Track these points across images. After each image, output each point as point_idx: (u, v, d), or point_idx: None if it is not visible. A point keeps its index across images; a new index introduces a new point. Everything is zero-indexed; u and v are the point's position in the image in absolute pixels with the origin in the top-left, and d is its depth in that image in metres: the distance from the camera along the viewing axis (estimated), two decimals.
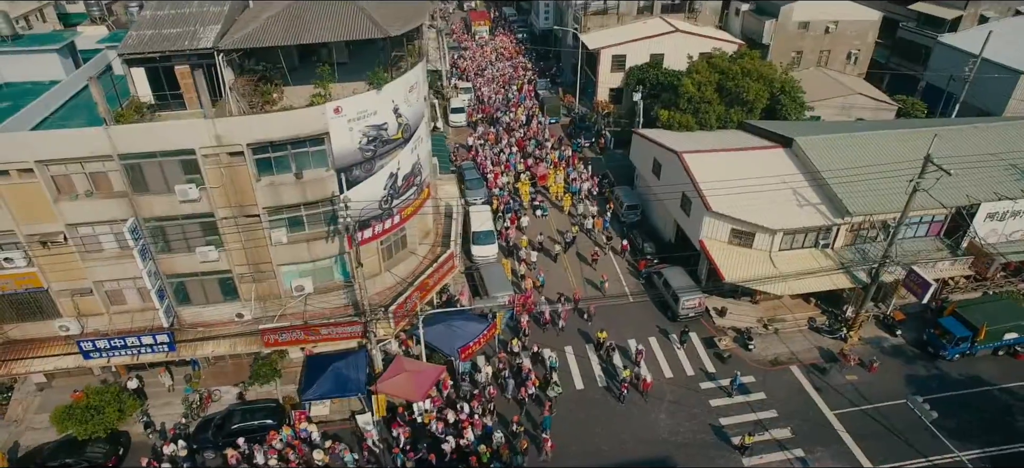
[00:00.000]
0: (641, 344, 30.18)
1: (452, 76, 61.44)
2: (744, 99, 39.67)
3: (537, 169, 43.50)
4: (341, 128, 24.60)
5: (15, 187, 23.12)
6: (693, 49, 49.84)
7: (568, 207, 40.92)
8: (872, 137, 34.94)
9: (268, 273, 26.85)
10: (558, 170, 43.37)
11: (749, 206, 31.22)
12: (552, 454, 25.30)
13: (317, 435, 25.73)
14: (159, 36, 24.69)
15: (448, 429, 25.92)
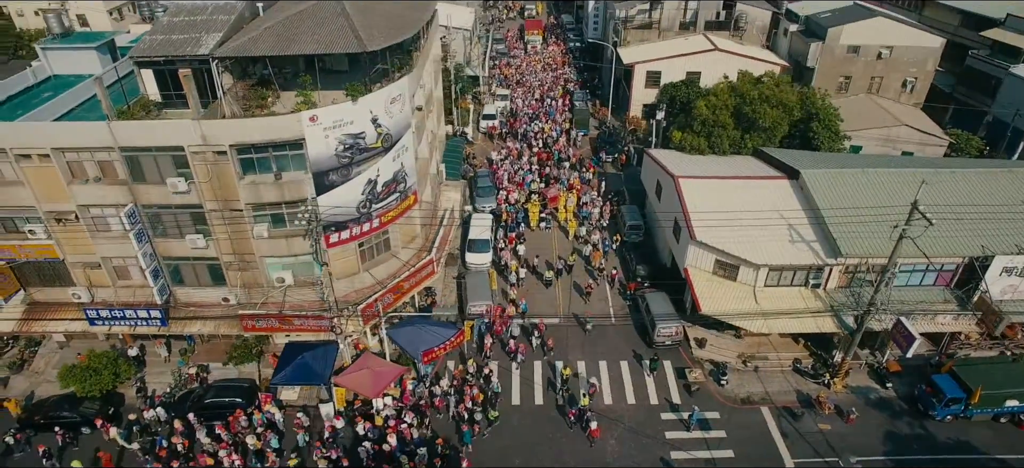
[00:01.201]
0: (594, 378, 29.90)
1: (492, 82, 62.73)
2: (761, 125, 38.40)
3: (548, 190, 43.32)
4: (317, 135, 26.25)
5: (36, 169, 26.33)
6: (732, 69, 48.56)
7: (573, 232, 40.38)
8: (888, 175, 33.01)
9: (252, 263, 29.04)
10: (571, 193, 42.93)
11: (736, 238, 30.42)
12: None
13: (279, 417, 27.63)
14: (167, 41, 27.33)
15: (376, 430, 27.09)
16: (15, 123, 26.13)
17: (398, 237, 32.24)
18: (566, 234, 40.61)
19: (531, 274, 37.41)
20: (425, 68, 35.62)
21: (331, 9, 29.55)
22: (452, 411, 28.48)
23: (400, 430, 26.73)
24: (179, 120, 25.73)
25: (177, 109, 27.73)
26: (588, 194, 43.13)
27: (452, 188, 39.90)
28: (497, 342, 32.26)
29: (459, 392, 28.96)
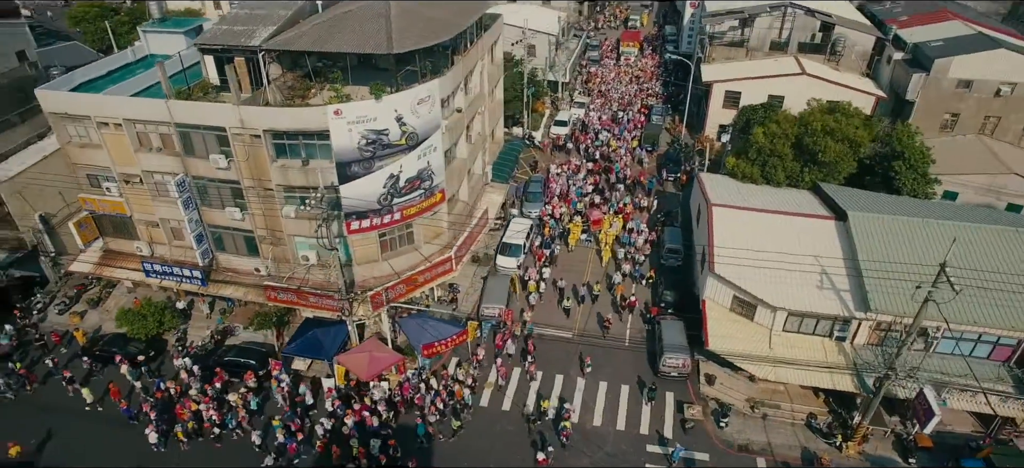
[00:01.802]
0: (569, 404, 29.31)
1: (574, 89, 62.59)
2: (821, 159, 35.71)
3: (592, 213, 41.68)
4: (341, 128, 28.06)
5: (112, 136, 30.35)
6: (819, 95, 45.40)
7: (606, 260, 38.55)
8: (954, 228, 29.61)
9: (282, 240, 31.59)
10: (617, 217, 41.34)
11: (759, 275, 28.76)
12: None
13: (285, 382, 29.91)
14: (228, 32, 30.38)
15: (343, 407, 28.84)
16: (96, 95, 30.22)
17: (422, 232, 33.56)
18: (600, 260, 39.06)
19: (553, 295, 36.46)
20: (475, 71, 36.61)
21: (376, 10, 31.30)
22: (425, 408, 29.18)
23: (363, 415, 28.16)
24: (221, 103, 28.53)
25: (226, 91, 30.70)
26: (636, 221, 41.34)
27: (496, 191, 40.63)
28: (492, 351, 32.58)
29: (434, 391, 29.74)
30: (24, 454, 26.94)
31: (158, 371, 31.40)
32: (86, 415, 29.12)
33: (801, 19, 51.48)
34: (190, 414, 28.15)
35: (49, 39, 55.60)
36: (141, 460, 27.03)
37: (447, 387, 30.23)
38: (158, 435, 27.08)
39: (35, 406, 29.83)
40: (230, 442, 28.04)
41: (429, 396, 29.33)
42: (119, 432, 28.16)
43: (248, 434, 27.83)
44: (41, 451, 27.75)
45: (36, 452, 27.56)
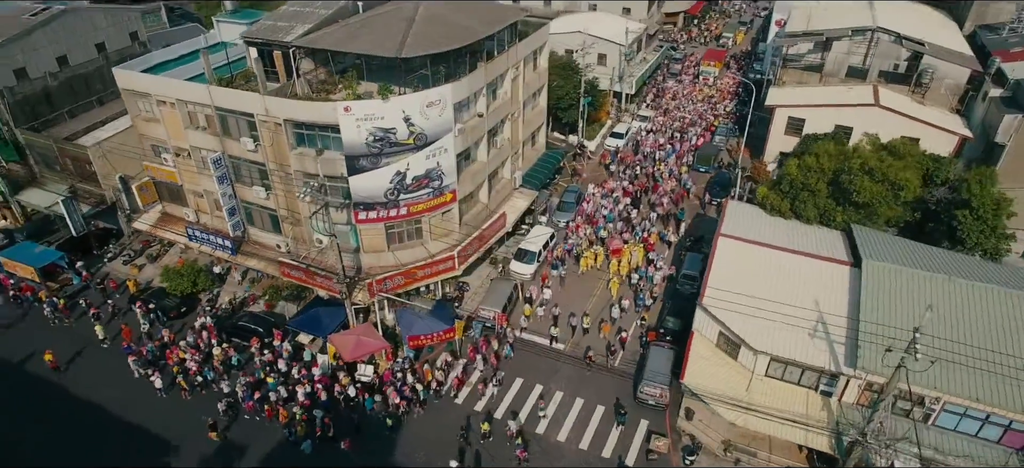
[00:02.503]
0: (543, 413, 29.61)
1: (642, 102, 61.38)
2: (855, 200, 33.09)
3: (613, 242, 39.89)
4: (350, 124, 30.01)
5: (168, 112, 34.30)
6: (893, 130, 42.00)
7: (616, 293, 36.76)
8: (988, 292, 26.64)
9: (300, 221, 34.19)
10: (636, 247, 39.22)
11: (747, 314, 27.46)
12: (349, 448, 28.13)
13: (285, 350, 32.44)
14: (270, 27, 33.32)
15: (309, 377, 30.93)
16: (155, 76, 34.28)
17: (431, 228, 34.93)
18: (610, 290, 37.39)
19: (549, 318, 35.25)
20: (506, 78, 37.34)
21: (404, 14, 33.08)
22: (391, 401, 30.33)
23: (317, 387, 30.32)
24: (250, 92, 31.40)
25: (271, 82, 33.65)
26: (657, 256, 39.25)
27: (523, 197, 41.14)
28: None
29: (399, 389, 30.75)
30: (54, 362, 32.05)
31: (170, 321, 35.26)
32: (113, 352, 33.26)
33: (884, 46, 47.41)
34: (176, 361, 31.53)
35: (182, 20, 63.16)
36: (145, 398, 30.69)
37: (418, 379, 31.27)
38: (163, 380, 30.51)
39: (75, 335, 34.58)
40: (210, 393, 31.04)
41: (397, 383, 30.72)
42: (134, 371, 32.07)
43: (218, 382, 31.07)
44: (66, 369, 32.48)
45: (63, 368, 32.34)
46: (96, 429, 29.46)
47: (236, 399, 30.19)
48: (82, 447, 28.62)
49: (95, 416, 30.03)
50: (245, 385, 30.12)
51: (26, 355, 33.15)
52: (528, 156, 44.25)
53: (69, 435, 29.30)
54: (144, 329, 34.27)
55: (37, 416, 30.08)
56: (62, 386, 31.65)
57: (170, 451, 28.54)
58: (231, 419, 29.82)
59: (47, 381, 31.90)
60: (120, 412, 30.16)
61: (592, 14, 62.28)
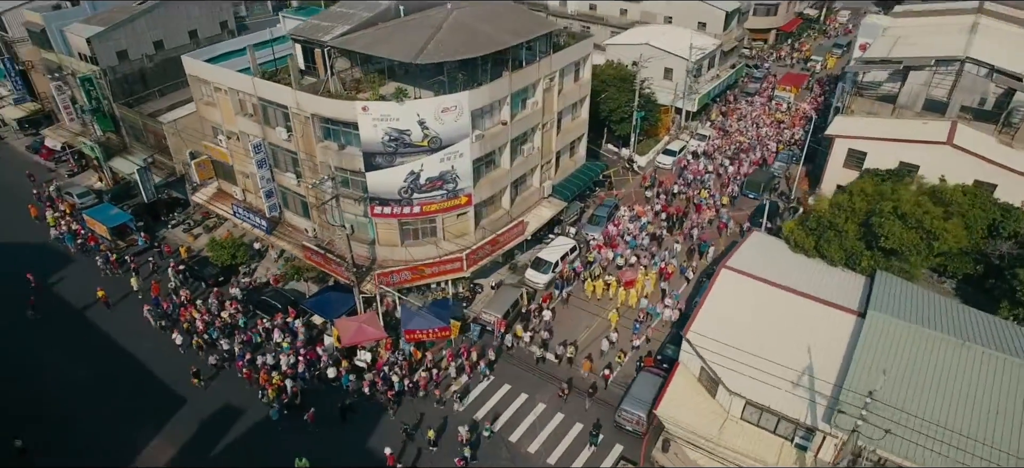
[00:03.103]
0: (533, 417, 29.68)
1: (707, 120, 59.32)
2: (883, 245, 30.73)
3: (624, 273, 38.42)
4: (367, 123, 31.75)
5: (223, 99, 37.72)
6: (966, 173, 38.55)
7: (614, 325, 35.03)
8: (999, 363, 24.20)
9: (325, 208, 36.47)
10: (650, 275, 38.15)
11: (730, 353, 26.50)
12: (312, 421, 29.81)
13: (299, 326, 34.81)
14: (313, 26, 35.85)
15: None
16: (211, 65, 37.72)
17: (444, 228, 36.10)
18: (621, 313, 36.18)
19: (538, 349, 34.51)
20: (537, 88, 37.70)
21: (433, 21, 34.45)
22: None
23: (299, 366, 32.30)
24: (283, 85, 33.86)
25: (311, 77, 36.11)
26: (675, 292, 37.67)
27: (549, 207, 41.33)
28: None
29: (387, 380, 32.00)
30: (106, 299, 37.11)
31: (208, 288, 38.85)
32: (145, 302, 37.37)
33: (970, 79, 43.20)
34: (188, 318, 34.98)
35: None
36: (157, 344, 34.58)
37: (402, 373, 32.33)
38: (182, 337, 34.10)
39: (119, 283, 39.13)
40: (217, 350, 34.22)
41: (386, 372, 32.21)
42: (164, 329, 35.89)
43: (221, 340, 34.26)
44: (111, 306, 37.20)
45: (110, 305, 37.17)
46: (110, 354, 34.19)
47: (231, 356, 33.14)
48: (95, 363, 33.59)
49: (113, 347, 34.60)
50: (241, 343, 33.07)
51: (82, 291, 38.29)
52: (565, 166, 44.40)
53: (87, 355, 34.14)
54: (171, 287, 38.29)
55: (79, 338, 35.31)
56: (96, 321, 36.43)
57: (158, 386, 32.28)
58: (217, 372, 32.93)
59: (94, 315, 36.94)
60: (135, 349, 34.41)
61: (664, 27, 61.05)
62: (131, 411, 30.81)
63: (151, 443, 29.43)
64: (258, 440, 29.70)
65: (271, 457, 28.71)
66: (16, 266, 39.70)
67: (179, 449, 29.21)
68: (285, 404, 30.64)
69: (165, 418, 30.59)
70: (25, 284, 38.19)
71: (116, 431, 29.82)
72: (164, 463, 28.62)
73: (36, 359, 33.87)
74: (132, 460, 28.63)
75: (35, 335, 35.47)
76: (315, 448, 28.65)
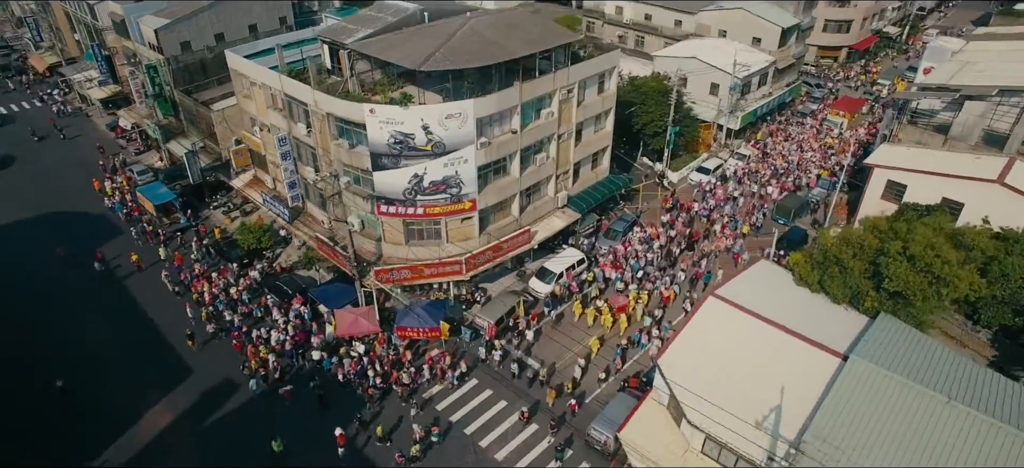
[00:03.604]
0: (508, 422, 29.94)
1: (745, 140, 57.14)
2: (887, 287, 28.90)
3: (616, 299, 37.07)
4: (374, 125, 33.08)
5: (257, 92, 40.23)
6: (1017, 217, 35.75)
7: (595, 351, 34.57)
8: (985, 427, 22.50)
9: (338, 203, 38.21)
10: (642, 299, 37.29)
11: (699, 384, 25.92)
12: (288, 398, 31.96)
13: (305, 313, 36.69)
14: (338, 29, 37.67)
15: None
16: (246, 60, 40.21)
17: (449, 231, 36.96)
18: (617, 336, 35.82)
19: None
20: (553, 98, 37.83)
21: (448, 28, 35.37)
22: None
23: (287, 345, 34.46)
24: (303, 84, 35.70)
25: (336, 77, 37.87)
26: (668, 324, 36.63)
27: (562, 217, 41.33)
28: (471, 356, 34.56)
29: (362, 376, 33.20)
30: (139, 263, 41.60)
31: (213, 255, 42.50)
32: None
33: None
34: (198, 291, 37.94)
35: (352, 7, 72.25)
36: (171, 305, 37.96)
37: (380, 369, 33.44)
38: (191, 306, 37.37)
39: (152, 252, 42.83)
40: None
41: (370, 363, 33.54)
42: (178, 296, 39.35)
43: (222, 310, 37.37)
44: (142, 270, 41.14)
45: (140, 269, 41.40)
46: (131, 310, 38.32)
47: (230, 328, 35.97)
48: (117, 316, 37.86)
49: (133, 304, 38.75)
50: (242, 316, 36.04)
51: (122, 254, 42.63)
52: (586, 178, 44.26)
53: (113, 310, 38.33)
54: (193, 258, 41.68)
55: (111, 294, 39.68)
56: (127, 282, 40.78)
57: (159, 340, 35.92)
58: (211, 338, 35.81)
59: (127, 275, 41.41)
60: (151, 310, 38.18)
61: (716, 41, 59.34)
62: (134, 363, 34.57)
63: (143, 396, 32.34)
64: (235, 409, 31.96)
65: (246, 428, 30.75)
66: (74, 231, 44.17)
67: (159, 404, 32.05)
68: (264, 377, 32.71)
69: (159, 377, 33.56)
70: (77, 245, 42.85)
71: (119, 382, 33.36)
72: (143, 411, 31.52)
73: (72, 310, 38.22)
74: (109, 399, 32.15)
75: (73, 289, 39.86)
76: (289, 429, 30.23)
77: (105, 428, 30.62)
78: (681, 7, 63.96)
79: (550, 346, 35.83)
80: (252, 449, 29.41)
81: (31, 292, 39.50)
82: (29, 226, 46.07)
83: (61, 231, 44.95)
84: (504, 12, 38.44)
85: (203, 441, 30.31)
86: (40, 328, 36.89)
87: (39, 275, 40.92)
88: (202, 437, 30.54)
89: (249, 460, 29.07)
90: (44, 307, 38.48)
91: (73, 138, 58.93)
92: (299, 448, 29.60)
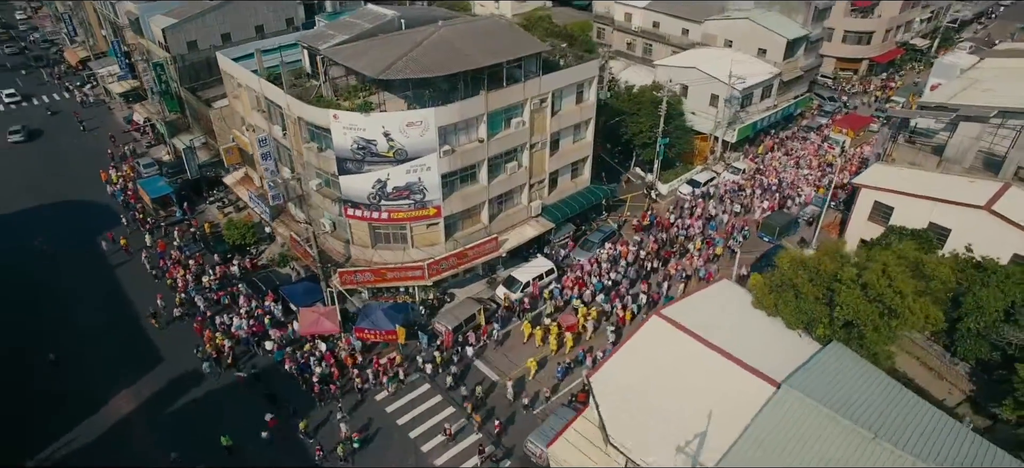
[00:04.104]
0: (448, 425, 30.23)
1: (744, 154, 55.84)
2: (837, 316, 28.05)
3: (565, 318, 36.55)
4: (338, 130, 33.84)
5: (243, 93, 41.54)
6: (1005, 245, 34.52)
7: (532, 373, 33.97)
8: (892, 458, 21.76)
9: (313, 205, 39.14)
10: (591, 314, 36.46)
11: (627, 405, 25.80)
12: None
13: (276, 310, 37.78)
14: (316, 34, 38.59)
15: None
16: (232, 62, 41.52)
17: (415, 236, 37.46)
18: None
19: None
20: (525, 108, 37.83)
21: (416, 36, 35.76)
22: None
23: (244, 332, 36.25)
24: (277, 89, 36.70)
25: (314, 81, 38.79)
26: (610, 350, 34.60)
27: (534, 226, 41.29)
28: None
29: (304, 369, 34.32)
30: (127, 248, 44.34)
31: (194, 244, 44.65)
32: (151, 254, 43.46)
33: None
34: (171, 279, 39.99)
35: None
36: (149, 298, 39.48)
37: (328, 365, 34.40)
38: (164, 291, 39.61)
39: (140, 239, 44.95)
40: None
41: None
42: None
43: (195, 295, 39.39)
44: (130, 253, 44.12)
45: (128, 253, 44.04)
46: (114, 287, 41.38)
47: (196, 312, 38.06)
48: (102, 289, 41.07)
49: (116, 282, 41.74)
50: (208, 302, 38.21)
51: (114, 238, 45.43)
52: (565, 188, 44.14)
53: (98, 285, 41.46)
54: (174, 246, 43.76)
55: (97, 271, 42.79)
56: (113, 262, 43.82)
57: (129, 318, 38.51)
58: (174, 320, 38.11)
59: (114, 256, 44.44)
60: (131, 290, 40.80)
61: (720, 51, 58.19)
62: (101, 337, 37.20)
63: (107, 370, 34.66)
64: (186, 389, 33.87)
65: (198, 411, 32.58)
66: (75, 213, 47.44)
67: (119, 379, 34.13)
68: (218, 361, 34.37)
69: (122, 353, 35.95)
70: (75, 226, 45.94)
71: (87, 355, 36.10)
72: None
73: (61, 284, 41.56)
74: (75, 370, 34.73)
75: (63, 266, 43.18)
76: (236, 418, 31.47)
77: (64, 397, 33.08)
78: (689, 15, 62.98)
79: (493, 363, 35.54)
80: (198, 429, 31.31)
81: (25, 270, 42.56)
82: (37, 209, 49.14)
83: (65, 213, 48.26)
84: (478, 21, 38.66)
85: (152, 414, 32.56)
86: (29, 306, 39.89)
87: (35, 252, 44.14)
88: (152, 412, 32.62)
89: (197, 439, 30.69)
90: (36, 285, 41.30)
91: (92, 129, 61.82)
92: (241, 436, 30.52)
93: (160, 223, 46.71)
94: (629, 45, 69.61)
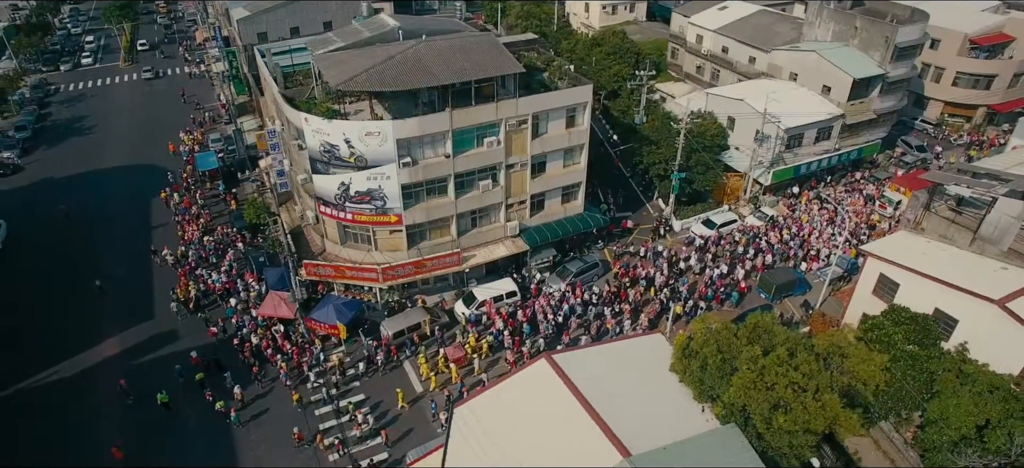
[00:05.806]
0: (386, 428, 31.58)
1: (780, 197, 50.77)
2: (726, 399, 25.46)
3: (455, 351, 35.84)
4: (309, 132, 36.24)
5: (269, 87, 45.53)
6: (1014, 352, 29.78)
7: (400, 403, 33.75)
8: None
9: (302, 195, 42.10)
10: (483, 348, 36.25)
11: (480, 444, 25.63)
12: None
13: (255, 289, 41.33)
14: (318, 40, 41.37)
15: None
16: (261, 58, 45.48)
17: (380, 240, 39.05)
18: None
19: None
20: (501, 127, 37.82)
21: (393, 50, 37.00)
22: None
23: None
24: (276, 86, 39.83)
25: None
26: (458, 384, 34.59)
27: (507, 246, 41.03)
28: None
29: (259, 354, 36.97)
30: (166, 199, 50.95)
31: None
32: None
33: None
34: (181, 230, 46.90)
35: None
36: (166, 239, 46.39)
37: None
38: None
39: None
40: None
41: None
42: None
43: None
44: (168, 206, 51.02)
45: (168, 205, 50.89)
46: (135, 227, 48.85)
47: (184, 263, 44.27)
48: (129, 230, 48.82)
49: (144, 224, 49.17)
50: (198, 259, 43.52)
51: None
52: (553, 211, 43.35)
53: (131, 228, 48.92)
54: (193, 211, 49.32)
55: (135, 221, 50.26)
56: (153, 213, 51.21)
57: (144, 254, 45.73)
58: (168, 265, 44.42)
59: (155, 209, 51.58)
60: (154, 233, 48.34)
61: (780, 84, 53.45)
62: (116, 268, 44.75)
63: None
64: (154, 321, 40.03)
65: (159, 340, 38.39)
66: (141, 180, 54.13)
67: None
68: (186, 304, 40.14)
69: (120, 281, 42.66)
70: (128, 192, 52.92)
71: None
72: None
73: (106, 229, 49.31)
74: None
75: (121, 210, 51.19)
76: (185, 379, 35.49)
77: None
78: (757, 43, 58.47)
79: (381, 387, 35.67)
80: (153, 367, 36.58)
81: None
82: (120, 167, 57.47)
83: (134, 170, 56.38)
84: (467, 38, 38.92)
85: (121, 343, 38.50)
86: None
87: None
88: (121, 341, 38.64)
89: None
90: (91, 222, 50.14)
91: (193, 102, 70.34)
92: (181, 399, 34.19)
93: (194, 189, 52.75)
94: (698, 69, 65.96)
